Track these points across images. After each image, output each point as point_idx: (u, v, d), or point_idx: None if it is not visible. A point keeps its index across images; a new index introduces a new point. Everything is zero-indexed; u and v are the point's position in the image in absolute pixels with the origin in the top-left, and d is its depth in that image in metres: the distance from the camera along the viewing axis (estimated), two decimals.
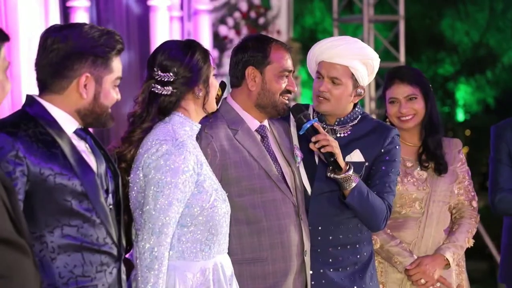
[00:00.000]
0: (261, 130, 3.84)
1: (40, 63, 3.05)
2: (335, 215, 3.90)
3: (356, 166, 3.86)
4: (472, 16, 16.78)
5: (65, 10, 8.18)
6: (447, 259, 4.24)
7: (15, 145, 2.90)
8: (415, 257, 4.23)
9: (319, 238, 3.88)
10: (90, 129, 3.20)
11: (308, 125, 3.77)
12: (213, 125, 3.72)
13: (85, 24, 3.09)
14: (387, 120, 4.35)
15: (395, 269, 4.26)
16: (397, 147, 3.99)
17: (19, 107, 3.11)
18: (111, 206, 3.09)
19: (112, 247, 3.07)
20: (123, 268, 3.14)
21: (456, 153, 4.40)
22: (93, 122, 3.10)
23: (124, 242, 3.15)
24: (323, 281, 3.88)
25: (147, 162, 3.26)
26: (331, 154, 3.73)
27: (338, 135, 3.97)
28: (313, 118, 3.88)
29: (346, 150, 3.89)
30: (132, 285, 3.30)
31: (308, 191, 3.90)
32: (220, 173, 3.65)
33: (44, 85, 3.06)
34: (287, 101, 3.83)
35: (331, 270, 3.90)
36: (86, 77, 3.03)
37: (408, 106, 4.28)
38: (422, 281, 4.22)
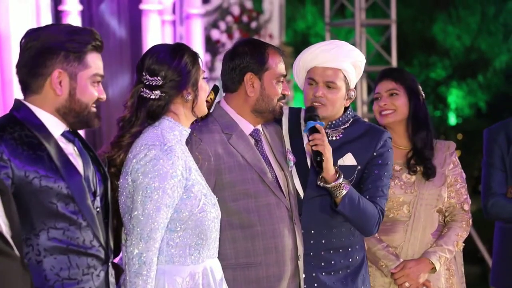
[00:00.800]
0: (255, 134, 3.83)
1: (18, 65, 3.05)
2: (328, 219, 3.89)
3: (349, 169, 3.86)
4: (464, 20, 16.81)
5: (57, 14, 8.17)
6: (432, 263, 4.23)
7: None
8: (401, 260, 4.22)
9: (312, 241, 3.87)
10: (82, 133, 3.18)
11: (312, 125, 3.75)
12: (206, 129, 3.70)
13: (61, 23, 3.07)
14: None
15: (383, 273, 4.25)
16: (389, 150, 3.98)
17: None
18: (98, 209, 3.07)
19: (99, 249, 3.05)
20: (111, 271, 3.12)
21: (448, 155, 4.37)
22: (75, 121, 3.07)
23: (112, 244, 3.13)
24: (315, 285, 3.87)
25: (135, 167, 3.24)
26: (318, 153, 3.71)
27: (330, 138, 3.95)
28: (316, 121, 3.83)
29: (338, 153, 3.88)
30: None
31: (301, 195, 3.90)
32: (214, 178, 3.63)
33: (26, 86, 3.05)
34: (282, 105, 3.84)
35: (323, 273, 3.89)
36: (59, 73, 3.01)
37: (388, 100, 4.31)
38: (407, 284, 4.20)
